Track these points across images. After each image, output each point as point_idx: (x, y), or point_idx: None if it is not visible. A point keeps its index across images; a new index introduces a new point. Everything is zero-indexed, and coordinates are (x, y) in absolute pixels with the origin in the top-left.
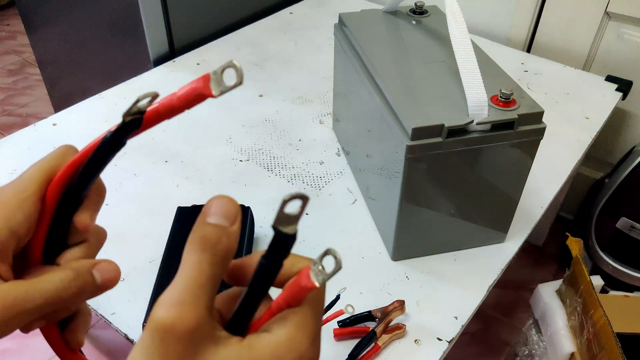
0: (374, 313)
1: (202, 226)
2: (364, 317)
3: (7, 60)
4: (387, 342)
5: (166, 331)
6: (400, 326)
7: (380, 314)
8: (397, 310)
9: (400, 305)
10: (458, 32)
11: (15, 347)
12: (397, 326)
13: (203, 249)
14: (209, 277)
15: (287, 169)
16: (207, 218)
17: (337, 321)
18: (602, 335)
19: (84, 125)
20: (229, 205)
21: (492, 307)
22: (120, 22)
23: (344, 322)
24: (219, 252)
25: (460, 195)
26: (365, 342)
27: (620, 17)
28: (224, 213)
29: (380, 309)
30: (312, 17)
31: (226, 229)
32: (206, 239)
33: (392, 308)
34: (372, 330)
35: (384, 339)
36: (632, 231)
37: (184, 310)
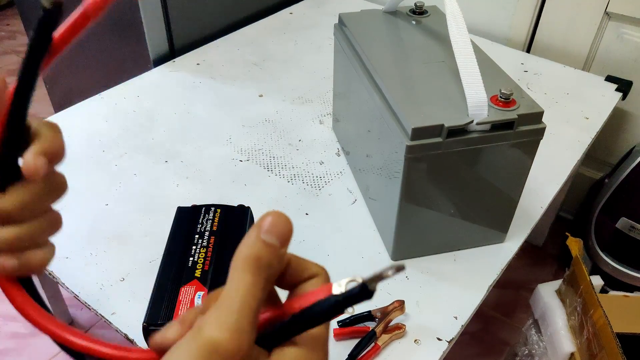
0: (373, 313)
1: (257, 243)
2: (363, 317)
3: (7, 60)
4: (387, 342)
5: (216, 351)
6: (400, 326)
7: (380, 314)
8: (397, 310)
9: (400, 305)
10: (458, 32)
11: (15, 347)
12: (397, 326)
13: (258, 272)
14: (259, 301)
15: (287, 169)
16: (263, 234)
17: (337, 321)
18: (601, 335)
19: (84, 125)
20: (285, 225)
21: (492, 307)
22: (120, 22)
23: (343, 322)
24: (270, 277)
25: (460, 195)
26: (365, 342)
27: (620, 17)
28: (279, 233)
29: (380, 308)
30: (312, 17)
31: (277, 251)
32: (261, 260)
33: (392, 308)
34: (372, 330)
35: (383, 339)
36: (632, 231)
37: (239, 337)
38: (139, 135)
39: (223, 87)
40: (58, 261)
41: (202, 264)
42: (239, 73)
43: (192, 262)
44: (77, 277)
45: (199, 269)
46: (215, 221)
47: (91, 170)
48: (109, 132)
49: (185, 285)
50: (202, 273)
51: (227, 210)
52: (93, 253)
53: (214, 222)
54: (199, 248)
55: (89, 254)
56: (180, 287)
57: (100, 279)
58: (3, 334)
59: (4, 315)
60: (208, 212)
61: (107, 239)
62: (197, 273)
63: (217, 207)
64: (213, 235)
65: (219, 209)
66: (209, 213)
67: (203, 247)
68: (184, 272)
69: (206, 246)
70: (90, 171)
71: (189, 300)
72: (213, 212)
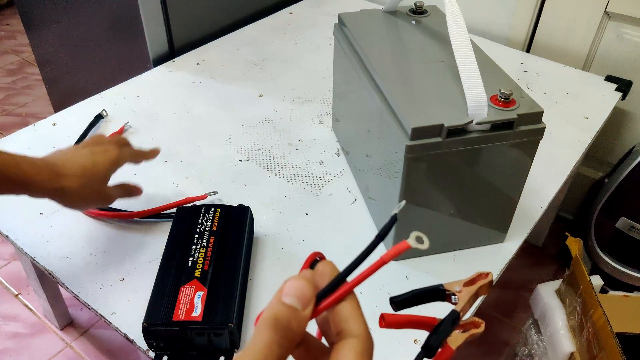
0: (448, 287)
1: (277, 304)
2: (428, 293)
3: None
4: (461, 344)
5: None
6: (477, 322)
7: (458, 289)
8: (484, 284)
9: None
10: (458, 32)
11: (15, 347)
12: (473, 322)
13: (274, 329)
14: (276, 357)
15: (287, 168)
16: (283, 297)
17: (390, 298)
18: (601, 335)
19: (84, 125)
20: (305, 289)
21: (492, 307)
22: (120, 22)
23: (399, 302)
24: (288, 335)
25: (460, 195)
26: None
27: (620, 17)
28: (298, 295)
29: (458, 281)
30: (312, 17)
31: (297, 313)
32: (278, 319)
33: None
34: (454, 311)
35: (456, 340)
36: (632, 231)
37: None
38: (139, 135)
39: (223, 87)
40: (58, 261)
41: (201, 263)
42: (239, 73)
43: (192, 262)
44: (77, 277)
45: (198, 268)
46: (214, 221)
47: None
48: (109, 132)
49: (185, 285)
50: (202, 273)
51: (227, 210)
52: (93, 253)
53: (214, 222)
54: (198, 248)
55: (88, 254)
56: (180, 287)
57: (100, 279)
58: (3, 334)
59: (4, 316)
60: (208, 212)
61: (107, 239)
62: (196, 273)
63: (216, 207)
64: (213, 235)
65: (218, 208)
66: (209, 213)
67: (203, 247)
68: (183, 272)
69: (206, 246)
70: None
71: (188, 300)
72: (213, 212)
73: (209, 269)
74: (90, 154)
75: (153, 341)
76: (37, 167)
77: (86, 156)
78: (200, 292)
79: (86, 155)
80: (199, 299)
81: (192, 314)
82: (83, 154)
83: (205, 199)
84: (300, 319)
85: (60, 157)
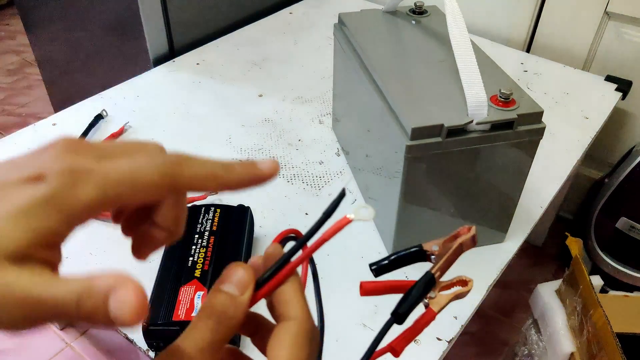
0: (427, 248)
1: (214, 293)
2: (408, 256)
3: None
4: (445, 306)
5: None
6: (465, 280)
7: (438, 249)
8: (467, 239)
9: (469, 231)
10: (458, 32)
11: (15, 347)
12: (461, 279)
13: (210, 317)
14: (209, 343)
15: (287, 169)
16: (220, 284)
17: (370, 265)
18: (601, 335)
19: (84, 125)
20: (243, 274)
21: (491, 307)
22: (120, 22)
23: (378, 267)
24: (224, 322)
25: (460, 195)
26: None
27: (620, 17)
28: (236, 282)
29: (435, 241)
30: (312, 17)
31: (234, 299)
32: (214, 307)
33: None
34: (428, 273)
35: (440, 302)
36: (632, 231)
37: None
38: (139, 135)
39: (223, 87)
40: None
41: (201, 263)
42: (239, 73)
43: (192, 262)
44: None
45: (198, 268)
46: (214, 221)
47: None
48: (108, 132)
49: (185, 285)
50: (202, 273)
51: (227, 210)
52: (93, 253)
53: (214, 222)
54: (198, 248)
55: (88, 254)
56: (179, 287)
57: None
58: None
59: None
60: (208, 212)
61: (107, 239)
62: (196, 273)
63: (216, 207)
64: (213, 235)
65: (218, 208)
66: (209, 213)
67: (203, 247)
68: (183, 272)
69: (206, 246)
70: None
71: (188, 300)
72: (213, 212)
73: (209, 269)
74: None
75: (153, 341)
76: None
77: None
78: (201, 292)
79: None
80: (199, 299)
81: (193, 314)
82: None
83: (205, 199)
84: (238, 305)
85: None
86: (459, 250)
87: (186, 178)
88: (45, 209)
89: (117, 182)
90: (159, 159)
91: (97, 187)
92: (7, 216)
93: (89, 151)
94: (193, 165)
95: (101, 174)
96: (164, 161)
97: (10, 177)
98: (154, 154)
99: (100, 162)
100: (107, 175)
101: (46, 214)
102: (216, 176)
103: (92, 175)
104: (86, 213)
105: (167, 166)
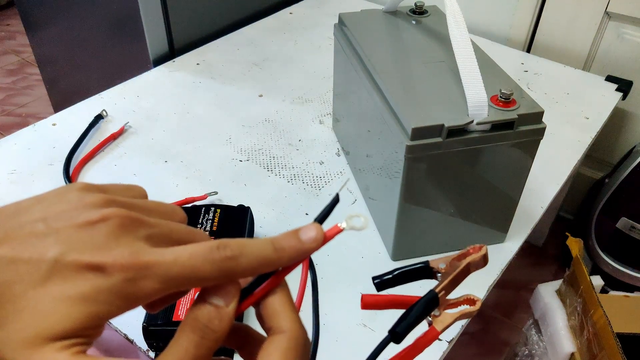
0: (433, 265)
1: (198, 303)
2: (414, 271)
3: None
4: (450, 325)
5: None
6: (473, 299)
7: (445, 267)
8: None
9: (479, 250)
10: (458, 32)
11: None
12: (468, 298)
13: (192, 330)
14: (192, 357)
15: (287, 169)
16: (205, 295)
17: (373, 278)
18: (602, 335)
19: (84, 125)
20: (229, 285)
21: (492, 307)
22: (120, 22)
23: (381, 282)
24: (207, 334)
25: (460, 195)
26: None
27: (620, 17)
28: (222, 292)
29: (444, 258)
30: (312, 17)
31: (220, 310)
32: (197, 319)
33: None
34: (432, 291)
35: (445, 320)
36: (632, 231)
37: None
38: (139, 135)
39: (223, 87)
40: None
41: None
42: (239, 73)
43: None
44: None
45: None
46: (215, 221)
47: (91, 170)
48: (109, 132)
49: None
50: None
51: (227, 210)
52: None
53: (214, 222)
54: None
55: None
56: None
57: None
58: None
59: None
60: (208, 212)
61: None
62: None
63: (217, 207)
64: (213, 235)
65: (218, 208)
66: (209, 213)
67: None
68: None
69: None
70: (90, 171)
71: (188, 300)
72: (213, 212)
73: None
74: None
75: (153, 341)
76: None
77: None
78: None
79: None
80: None
81: None
82: None
83: (205, 199)
84: (223, 317)
85: None
86: (466, 270)
87: (241, 271)
88: (109, 297)
89: (176, 278)
90: (215, 255)
91: (159, 282)
92: (65, 298)
93: (144, 229)
94: (247, 257)
95: (162, 269)
96: (220, 257)
97: (69, 256)
98: (207, 246)
99: (158, 251)
100: (168, 270)
101: (108, 302)
102: (269, 264)
103: (154, 270)
104: (146, 301)
105: (224, 262)
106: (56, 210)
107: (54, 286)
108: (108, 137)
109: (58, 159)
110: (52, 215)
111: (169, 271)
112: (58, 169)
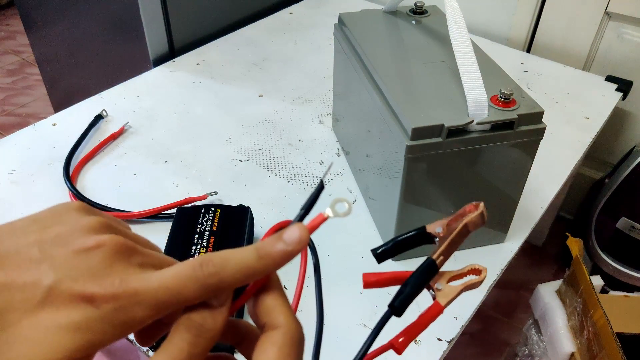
0: (430, 230)
1: None
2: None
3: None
4: (454, 298)
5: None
6: (478, 268)
7: (442, 231)
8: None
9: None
10: (458, 32)
11: None
12: (473, 268)
13: (187, 329)
14: (187, 355)
15: (287, 169)
16: None
17: (372, 250)
18: (602, 335)
19: (84, 125)
20: None
21: (492, 307)
22: (120, 22)
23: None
24: (202, 333)
25: (460, 195)
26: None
27: (620, 17)
28: None
29: (440, 221)
30: (312, 17)
31: (214, 309)
32: (190, 318)
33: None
34: (429, 259)
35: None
36: (632, 231)
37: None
38: (139, 135)
39: (223, 87)
40: None
41: None
42: (239, 73)
43: None
44: None
45: None
46: (215, 221)
47: (91, 170)
48: (109, 132)
49: None
50: None
51: (227, 210)
52: None
53: (214, 222)
54: (198, 248)
55: None
56: None
57: None
58: None
59: None
60: (208, 212)
61: None
62: None
63: (216, 207)
64: (213, 235)
65: (218, 209)
66: (209, 213)
67: (203, 247)
68: None
69: (206, 246)
70: (90, 171)
71: None
72: (213, 212)
73: None
74: None
75: None
76: None
77: None
78: None
79: None
80: None
81: None
82: None
83: (205, 199)
84: (216, 315)
85: None
86: (464, 230)
87: (227, 286)
88: (101, 327)
89: (165, 302)
90: (198, 272)
91: (148, 309)
92: (58, 328)
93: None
94: (231, 269)
95: (151, 294)
96: (203, 274)
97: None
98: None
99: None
100: (157, 295)
101: (101, 331)
102: (254, 273)
103: (144, 297)
104: (139, 327)
105: (208, 278)
106: (51, 234)
107: (46, 314)
108: (108, 137)
109: (58, 159)
110: (47, 238)
111: (156, 295)
112: (58, 169)
